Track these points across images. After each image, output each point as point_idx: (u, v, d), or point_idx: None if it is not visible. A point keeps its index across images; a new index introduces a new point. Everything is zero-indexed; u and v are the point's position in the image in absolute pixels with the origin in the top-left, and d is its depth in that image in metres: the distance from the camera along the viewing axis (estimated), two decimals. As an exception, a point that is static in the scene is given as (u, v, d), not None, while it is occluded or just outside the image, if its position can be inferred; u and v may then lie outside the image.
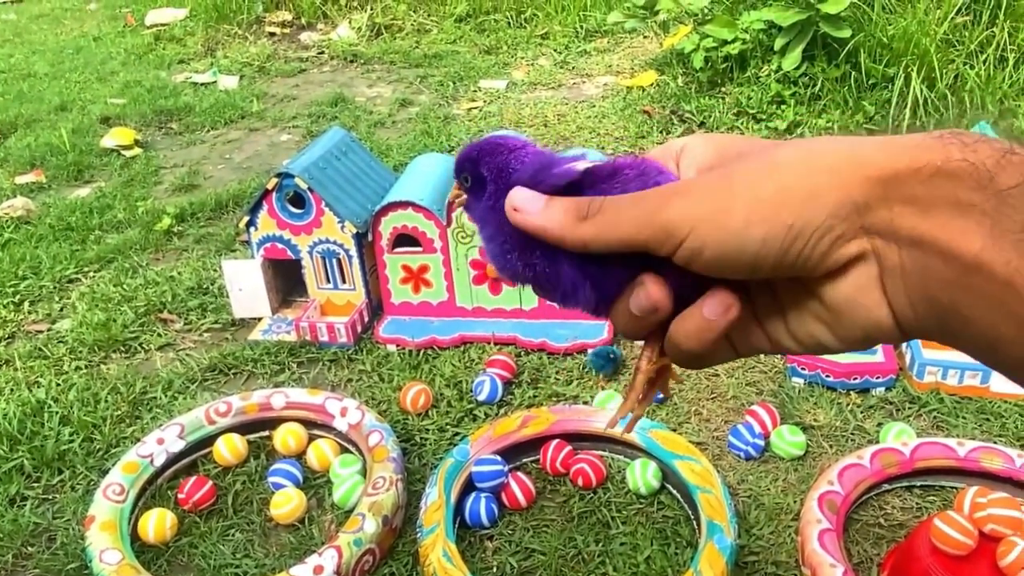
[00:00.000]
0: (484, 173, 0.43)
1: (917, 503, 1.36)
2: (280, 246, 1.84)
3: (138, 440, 1.51)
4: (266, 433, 1.55)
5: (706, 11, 3.10)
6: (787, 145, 0.37)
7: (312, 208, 1.77)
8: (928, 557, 1.15)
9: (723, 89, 2.91)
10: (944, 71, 2.59)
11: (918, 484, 1.38)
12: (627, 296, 0.39)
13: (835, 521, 1.26)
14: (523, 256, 0.42)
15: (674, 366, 0.44)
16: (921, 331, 0.35)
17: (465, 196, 0.46)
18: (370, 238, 1.79)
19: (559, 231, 0.39)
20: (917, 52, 2.59)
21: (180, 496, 1.41)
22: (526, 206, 0.40)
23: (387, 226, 1.76)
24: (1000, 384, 1.55)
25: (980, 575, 1.11)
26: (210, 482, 1.43)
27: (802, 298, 0.38)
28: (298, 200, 1.79)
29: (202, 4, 4.48)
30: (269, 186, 1.77)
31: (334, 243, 1.81)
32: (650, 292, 0.38)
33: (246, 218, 1.82)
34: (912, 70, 2.56)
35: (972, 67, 2.64)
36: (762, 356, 1.68)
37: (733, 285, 0.38)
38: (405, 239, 1.78)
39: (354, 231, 1.78)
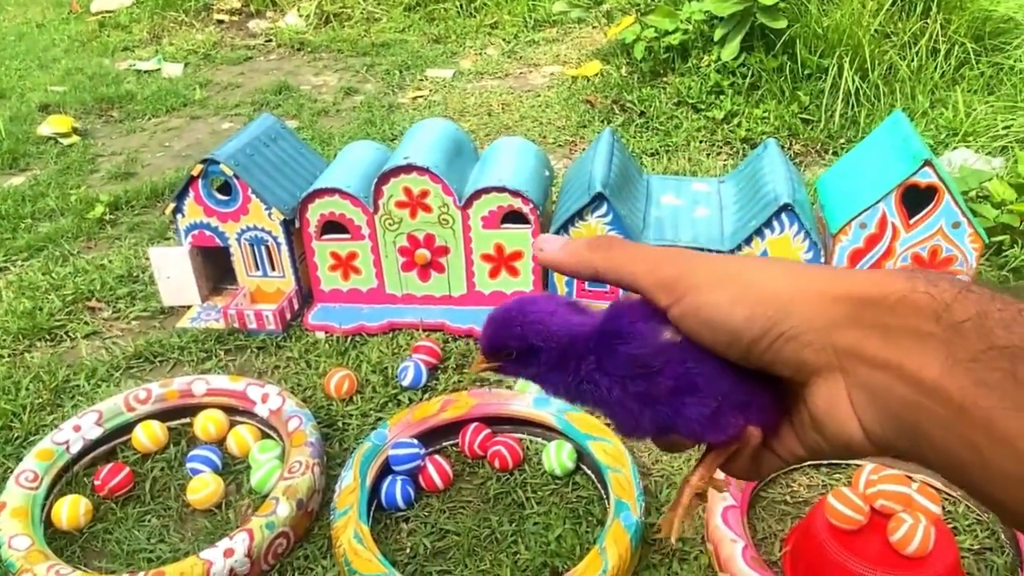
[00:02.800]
0: (539, 344, 0.46)
1: (823, 480, 1.40)
2: (208, 233, 1.83)
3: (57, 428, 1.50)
4: (187, 420, 1.55)
5: (649, 1, 3.12)
6: (780, 259, 0.44)
7: (239, 195, 1.77)
8: (823, 533, 1.18)
9: (665, 79, 2.94)
10: (877, 62, 2.64)
11: (825, 463, 1.42)
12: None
13: (740, 498, 1.29)
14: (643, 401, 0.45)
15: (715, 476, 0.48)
16: (890, 447, 0.38)
17: (496, 365, 0.49)
18: (298, 225, 1.79)
19: (575, 259, 0.46)
20: (851, 43, 2.64)
21: (96, 483, 1.40)
22: (547, 245, 0.47)
23: (314, 213, 1.76)
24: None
25: (872, 550, 1.15)
26: (127, 468, 1.43)
27: (799, 408, 0.41)
28: (226, 187, 1.79)
29: (149, -9, 4.41)
30: (194, 173, 1.76)
31: (262, 230, 1.80)
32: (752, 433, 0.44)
33: (172, 205, 1.81)
34: (845, 61, 2.60)
35: (904, 58, 2.69)
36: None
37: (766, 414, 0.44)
38: (333, 226, 1.79)
39: (281, 218, 1.78)
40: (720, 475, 0.48)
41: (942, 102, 2.61)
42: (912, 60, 2.69)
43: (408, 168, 1.69)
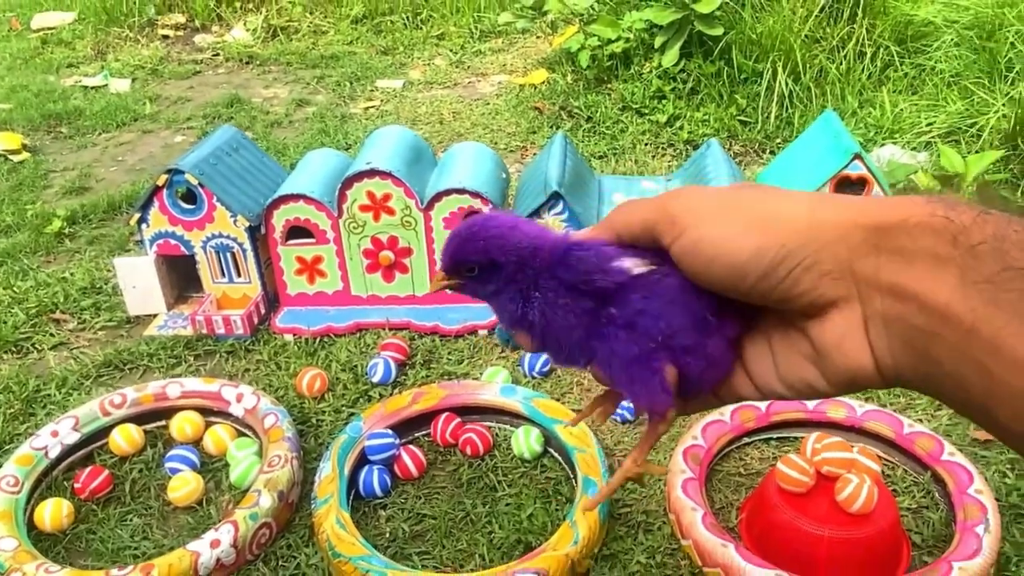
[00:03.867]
0: (499, 259, 0.47)
1: (773, 453, 1.50)
2: (173, 242, 1.87)
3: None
4: (163, 423, 1.59)
5: (592, 11, 3.24)
6: (800, 191, 0.42)
7: (204, 203, 1.81)
8: (776, 497, 1.28)
9: (609, 86, 3.05)
10: (808, 65, 2.79)
11: (774, 436, 1.52)
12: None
13: (698, 471, 1.39)
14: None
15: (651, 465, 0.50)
16: (900, 378, 0.38)
17: (457, 281, 0.49)
18: (263, 231, 1.83)
19: (595, 230, 0.45)
20: (783, 49, 2.78)
21: (76, 486, 1.43)
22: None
23: (280, 219, 1.81)
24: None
25: (820, 510, 1.25)
26: (106, 471, 1.46)
27: (795, 342, 0.40)
28: (190, 196, 1.83)
29: (91, 7, 4.39)
30: (159, 183, 1.80)
31: (227, 237, 1.85)
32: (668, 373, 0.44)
33: (137, 215, 1.84)
34: (778, 65, 2.74)
35: (834, 61, 2.84)
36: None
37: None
38: (298, 231, 1.84)
39: (247, 225, 1.82)
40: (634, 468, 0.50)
41: (870, 102, 2.76)
42: (841, 63, 2.85)
43: (371, 173, 1.76)
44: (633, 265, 0.43)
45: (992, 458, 1.44)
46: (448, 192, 1.77)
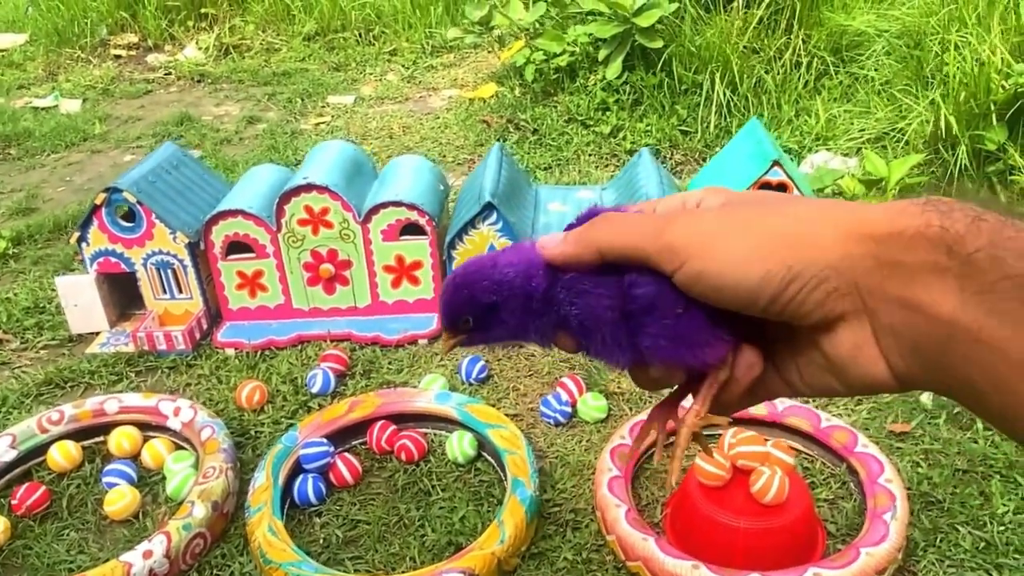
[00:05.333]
0: (491, 300, 0.45)
1: (699, 449, 1.54)
2: (113, 260, 1.89)
3: (-31, 454, 1.53)
4: (101, 438, 1.60)
5: (538, 26, 3.30)
6: (796, 197, 0.42)
7: (143, 221, 1.83)
8: (695, 492, 1.33)
9: (555, 98, 3.11)
10: (746, 76, 2.87)
11: (703, 433, 1.56)
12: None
13: (624, 469, 1.43)
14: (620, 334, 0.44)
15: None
16: (915, 383, 0.38)
17: (463, 337, 0.48)
18: (203, 247, 1.86)
19: (579, 246, 0.43)
20: (721, 60, 2.86)
21: (13, 502, 1.44)
22: (547, 243, 0.44)
23: (219, 234, 1.84)
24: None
25: (737, 501, 1.30)
26: (43, 487, 1.47)
27: (810, 352, 0.40)
28: (131, 214, 1.85)
29: (42, 28, 4.38)
30: (98, 201, 1.82)
31: (167, 254, 1.87)
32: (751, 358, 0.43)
33: (76, 234, 1.86)
34: (716, 76, 2.82)
35: (770, 71, 2.93)
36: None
37: (756, 341, 0.42)
38: (238, 246, 1.87)
39: (186, 241, 1.84)
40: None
41: (806, 110, 2.85)
42: (778, 73, 2.93)
43: (308, 187, 1.79)
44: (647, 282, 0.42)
45: (907, 449, 1.50)
46: (385, 205, 1.81)
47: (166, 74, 3.99)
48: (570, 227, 0.46)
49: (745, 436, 1.34)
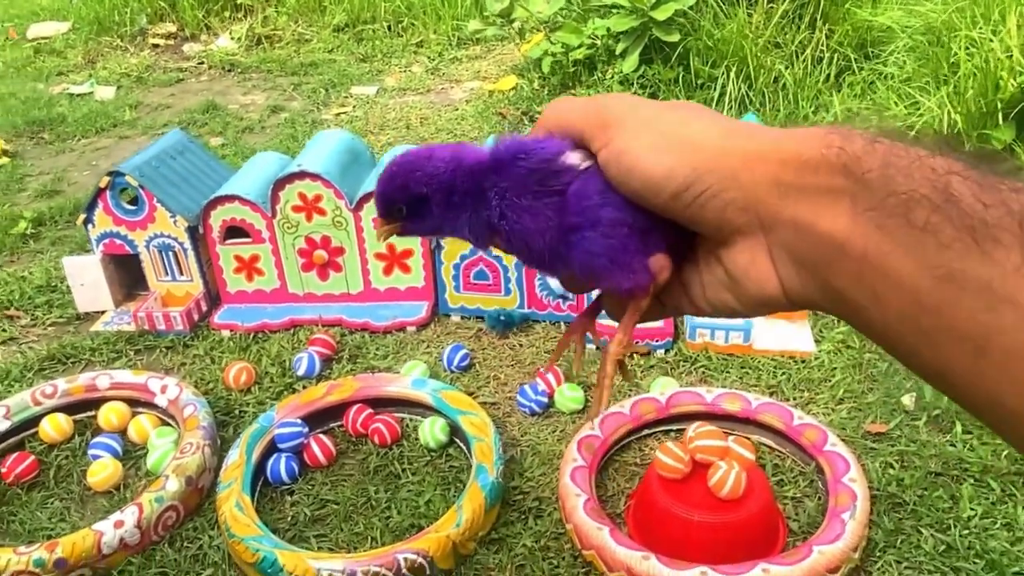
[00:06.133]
0: (422, 192, 0.46)
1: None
2: (118, 242, 1.95)
3: (-32, 424, 1.61)
4: (92, 413, 1.66)
5: (558, 18, 3.30)
6: (735, 120, 0.43)
7: (145, 204, 1.89)
8: (655, 484, 1.33)
9: (572, 91, 3.11)
10: (763, 70, 2.83)
11: (673, 428, 1.57)
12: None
13: (590, 460, 1.44)
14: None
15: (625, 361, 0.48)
16: (807, 302, 0.39)
17: (397, 225, 0.48)
18: (202, 231, 1.91)
19: (532, 132, 0.45)
20: (739, 54, 2.83)
21: (2, 471, 1.51)
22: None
23: (216, 219, 1.89)
24: (761, 342, 1.75)
25: (696, 495, 1.30)
26: (32, 457, 1.54)
27: (713, 268, 0.42)
28: (136, 198, 1.90)
29: (85, 17, 4.51)
30: (102, 184, 1.88)
31: (169, 237, 1.92)
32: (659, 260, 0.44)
33: (83, 216, 1.92)
34: (732, 71, 2.79)
35: (790, 67, 2.88)
36: (563, 327, 1.86)
37: (669, 252, 0.44)
38: (236, 231, 1.91)
39: (186, 225, 1.90)
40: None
41: (824, 106, 2.80)
42: (798, 68, 2.88)
43: (301, 175, 1.83)
44: (579, 160, 0.43)
45: (882, 450, 1.48)
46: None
47: (199, 63, 4.08)
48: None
49: (705, 431, 1.34)
